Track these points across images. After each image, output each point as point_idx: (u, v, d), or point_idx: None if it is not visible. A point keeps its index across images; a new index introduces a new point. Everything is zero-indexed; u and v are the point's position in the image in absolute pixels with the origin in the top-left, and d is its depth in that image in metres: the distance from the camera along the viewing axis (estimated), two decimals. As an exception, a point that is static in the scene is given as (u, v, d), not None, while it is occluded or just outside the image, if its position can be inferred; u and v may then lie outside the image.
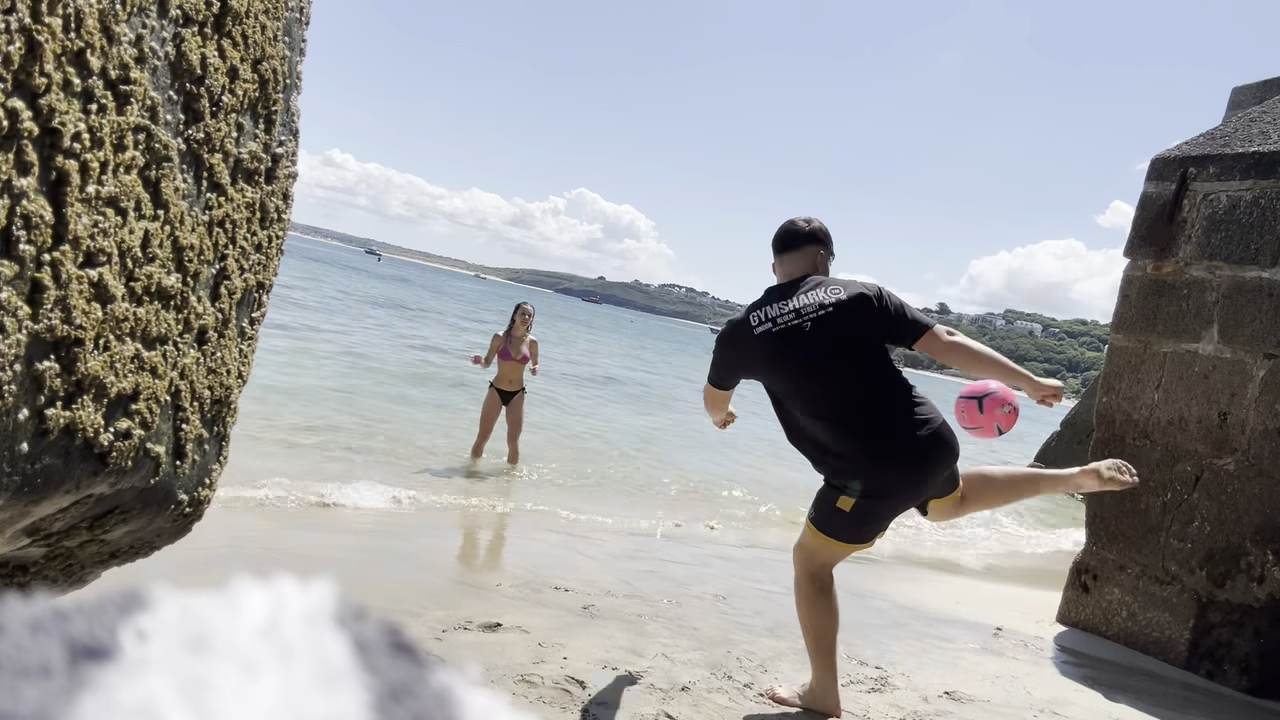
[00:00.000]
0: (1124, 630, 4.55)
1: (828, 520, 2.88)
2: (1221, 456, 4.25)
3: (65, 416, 0.99)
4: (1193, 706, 3.75)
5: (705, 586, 4.63)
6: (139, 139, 1.04)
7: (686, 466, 9.60)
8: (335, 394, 9.64)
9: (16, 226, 0.88)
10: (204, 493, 1.37)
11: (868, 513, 2.83)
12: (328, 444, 7.16)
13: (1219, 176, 4.44)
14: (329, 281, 39.45)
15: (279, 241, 1.45)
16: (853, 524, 2.85)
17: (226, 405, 1.37)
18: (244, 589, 0.20)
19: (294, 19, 1.37)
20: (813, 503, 2.98)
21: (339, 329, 17.88)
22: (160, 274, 1.12)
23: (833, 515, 2.86)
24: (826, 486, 2.91)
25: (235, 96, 1.22)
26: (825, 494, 2.91)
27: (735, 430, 3.58)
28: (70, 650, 0.17)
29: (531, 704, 2.66)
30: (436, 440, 8.25)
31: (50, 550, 1.24)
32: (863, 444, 2.79)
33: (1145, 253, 4.70)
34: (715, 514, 7.38)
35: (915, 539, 7.92)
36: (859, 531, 2.88)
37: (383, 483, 6.03)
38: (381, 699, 0.18)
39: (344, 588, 0.21)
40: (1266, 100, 4.91)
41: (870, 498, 2.81)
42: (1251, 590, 4.07)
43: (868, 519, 2.86)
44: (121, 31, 0.98)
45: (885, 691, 3.31)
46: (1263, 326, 4.16)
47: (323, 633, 0.20)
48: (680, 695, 2.92)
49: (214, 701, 0.17)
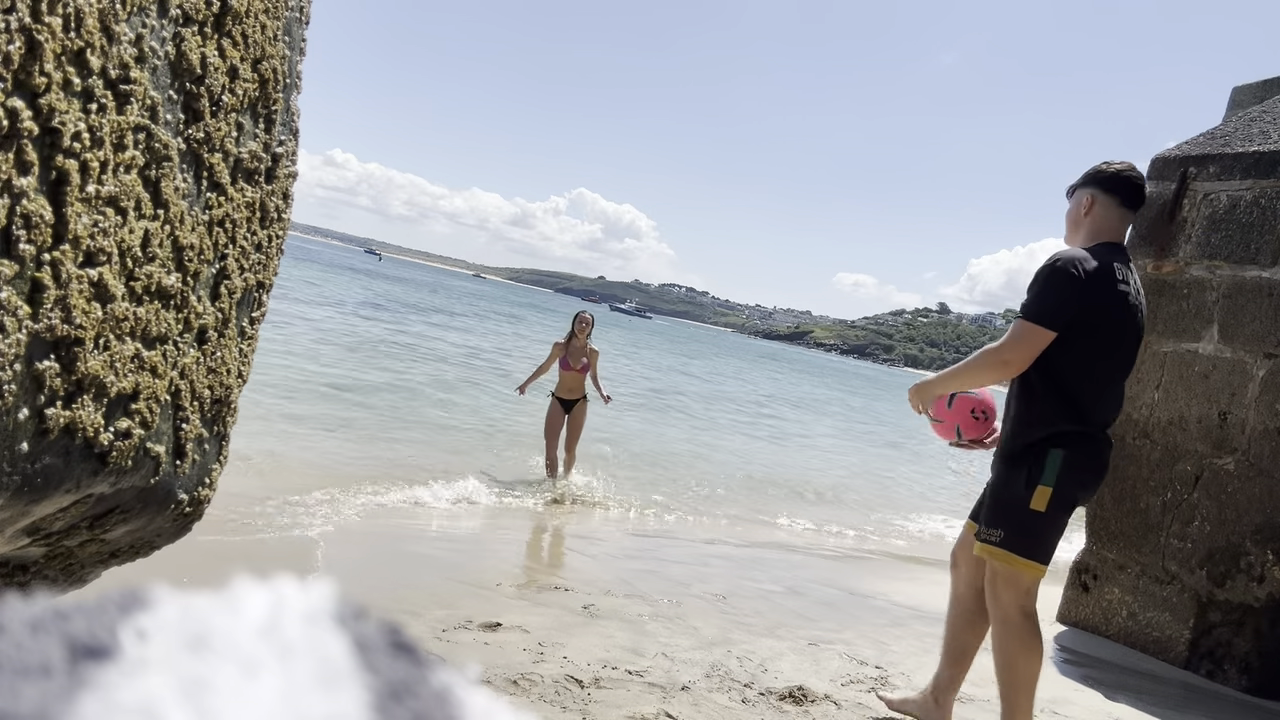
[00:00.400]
0: (1124, 630, 4.54)
1: (1021, 532, 2.57)
2: (1221, 456, 4.25)
3: (65, 416, 0.99)
4: (1193, 706, 3.75)
5: (705, 586, 4.63)
6: (139, 138, 1.04)
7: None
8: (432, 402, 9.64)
9: (16, 226, 0.88)
10: (204, 492, 1.37)
11: (1065, 502, 2.56)
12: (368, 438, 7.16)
13: (1219, 176, 4.44)
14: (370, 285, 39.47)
15: (279, 241, 1.45)
16: (1049, 527, 2.56)
17: (226, 405, 1.37)
18: (244, 588, 0.20)
19: (294, 18, 1.37)
20: (991, 522, 2.64)
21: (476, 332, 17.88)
22: (160, 273, 1.12)
23: (1025, 522, 2.56)
24: (1012, 491, 2.59)
25: (235, 96, 1.22)
26: (1010, 499, 2.59)
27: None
28: (70, 650, 0.17)
29: (532, 703, 2.66)
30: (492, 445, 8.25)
31: (50, 550, 1.24)
32: (1102, 432, 2.61)
33: (1145, 252, 4.70)
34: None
35: (915, 539, 7.92)
36: (1053, 538, 2.60)
37: (395, 484, 6.03)
38: (382, 698, 0.18)
39: (344, 587, 0.21)
40: (1266, 100, 4.91)
41: (1069, 483, 2.54)
42: (1251, 590, 4.07)
43: (1061, 514, 2.58)
44: (121, 31, 0.98)
45: (885, 691, 3.31)
46: (1263, 326, 4.16)
47: (323, 632, 0.19)
48: (680, 695, 2.92)
49: (214, 701, 0.17)
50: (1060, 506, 2.55)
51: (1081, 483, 2.58)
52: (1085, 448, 2.56)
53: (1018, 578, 2.56)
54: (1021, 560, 2.56)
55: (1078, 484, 2.57)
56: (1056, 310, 2.53)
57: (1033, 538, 2.55)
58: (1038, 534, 2.55)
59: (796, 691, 3.11)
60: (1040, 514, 2.53)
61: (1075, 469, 2.54)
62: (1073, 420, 2.55)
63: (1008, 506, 2.59)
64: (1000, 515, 2.61)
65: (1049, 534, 2.57)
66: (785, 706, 2.99)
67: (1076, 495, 2.58)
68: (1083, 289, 2.53)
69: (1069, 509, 2.60)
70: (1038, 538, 2.56)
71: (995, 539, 2.59)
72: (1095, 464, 2.60)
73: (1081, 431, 2.55)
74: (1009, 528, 2.57)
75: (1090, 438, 2.57)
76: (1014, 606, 2.57)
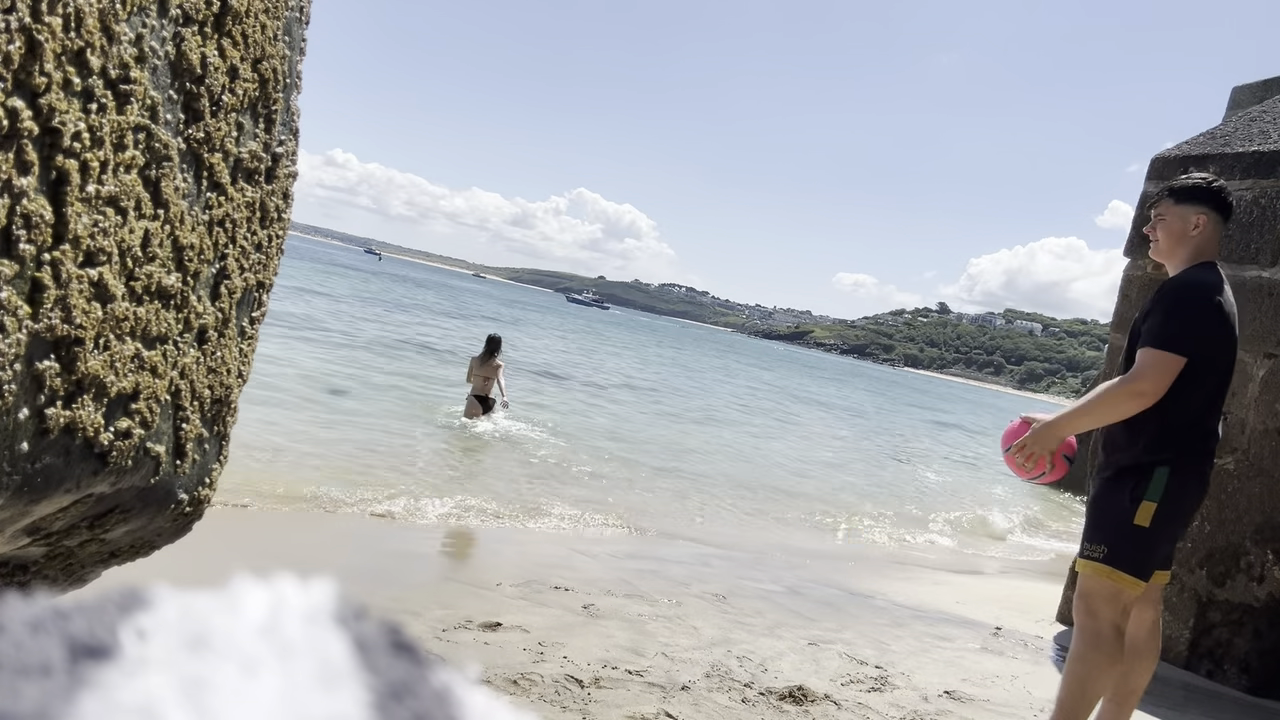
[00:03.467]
0: (1124, 630, 4.55)
1: (1120, 545, 2.55)
2: (1221, 456, 4.25)
3: (65, 416, 0.99)
4: (1193, 706, 3.75)
5: (705, 586, 4.63)
6: (139, 138, 1.04)
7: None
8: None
9: (16, 226, 0.88)
10: (204, 492, 1.37)
11: (1169, 517, 2.54)
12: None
13: (1219, 176, 4.44)
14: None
15: (279, 241, 1.45)
16: (1151, 541, 2.54)
17: (227, 404, 1.37)
18: (244, 588, 0.20)
19: (294, 18, 1.37)
20: (1093, 538, 2.62)
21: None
22: (160, 273, 1.12)
23: (1128, 538, 2.54)
24: (1118, 502, 2.58)
25: (235, 96, 1.22)
26: (1116, 510, 2.58)
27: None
28: (70, 649, 0.17)
29: (532, 703, 2.66)
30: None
31: (50, 549, 1.24)
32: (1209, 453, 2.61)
33: (1145, 252, 4.70)
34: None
35: (913, 538, 7.92)
36: (1154, 555, 2.58)
37: (390, 487, 6.03)
38: (382, 698, 0.18)
39: (344, 587, 0.21)
40: (1266, 100, 4.91)
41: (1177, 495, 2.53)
42: (1251, 590, 4.07)
43: (1167, 528, 2.56)
44: (121, 31, 0.98)
45: (885, 691, 3.31)
46: (1263, 326, 4.16)
47: (323, 632, 0.19)
48: (680, 695, 2.92)
49: (214, 701, 0.17)
50: (1164, 522, 2.53)
51: (1185, 500, 2.57)
52: (1192, 465, 2.56)
53: (1119, 594, 2.54)
54: (1126, 577, 2.53)
55: (1182, 500, 2.56)
56: (1189, 337, 2.51)
57: (1138, 553, 2.54)
58: (1142, 549, 2.54)
59: (796, 691, 3.11)
60: (1144, 529, 2.51)
61: (1181, 486, 2.54)
62: (1184, 443, 2.55)
63: (1113, 521, 2.58)
64: (1103, 530, 2.59)
65: (1151, 550, 2.55)
66: (785, 706, 2.99)
67: (1181, 511, 2.58)
68: (1211, 317, 2.54)
69: (1172, 525, 2.58)
70: (1142, 553, 2.54)
71: (1099, 555, 2.56)
72: (1200, 482, 2.59)
73: (1190, 449, 2.56)
74: (1112, 543, 2.56)
75: (1197, 454, 2.57)
76: (1110, 623, 2.54)
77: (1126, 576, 2.52)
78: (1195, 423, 2.55)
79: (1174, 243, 2.72)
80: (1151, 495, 2.51)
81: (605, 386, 17.83)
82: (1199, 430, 2.56)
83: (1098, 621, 2.55)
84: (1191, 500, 2.59)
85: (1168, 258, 2.74)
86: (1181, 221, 2.70)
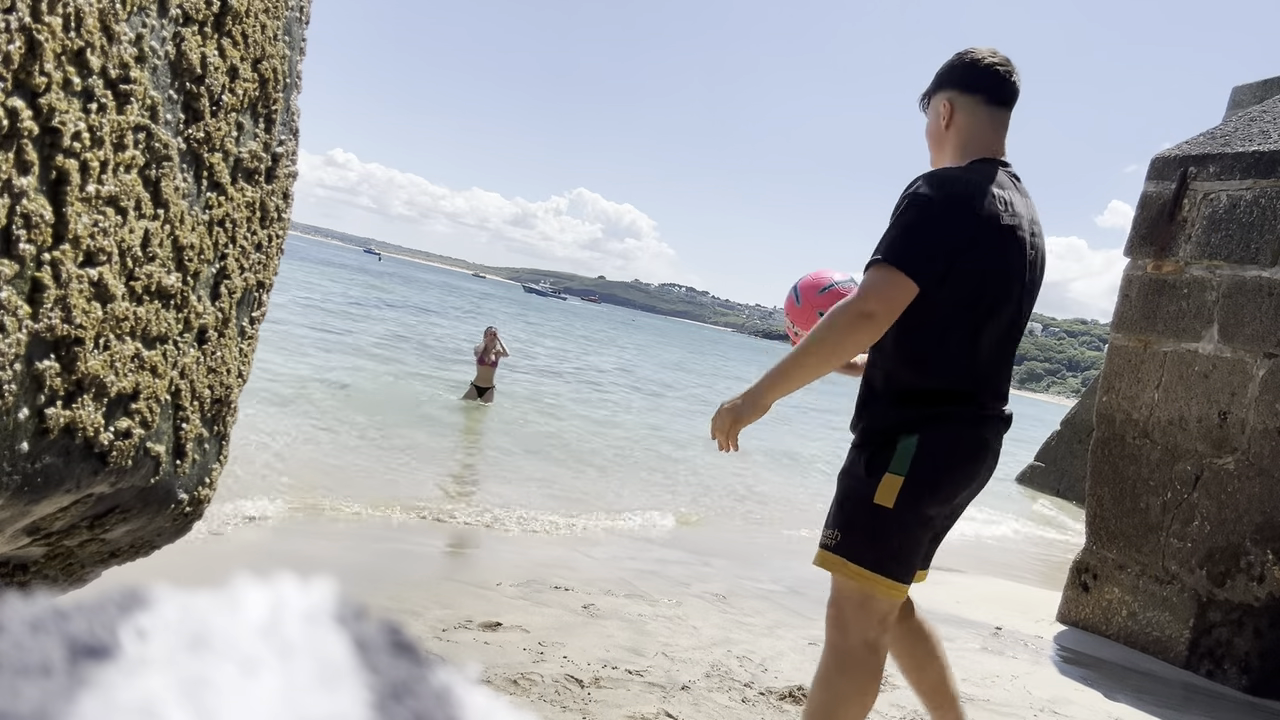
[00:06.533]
0: (1124, 629, 4.55)
1: (869, 538, 1.95)
2: (1221, 456, 4.25)
3: (65, 416, 0.99)
4: (1193, 706, 3.75)
5: (705, 586, 4.63)
6: (139, 138, 1.04)
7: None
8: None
9: (16, 226, 0.88)
10: (204, 492, 1.37)
11: (922, 497, 1.93)
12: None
13: (1219, 176, 4.44)
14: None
15: (279, 241, 1.45)
16: (901, 531, 1.94)
17: (226, 404, 1.37)
18: (244, 588, 0.20)
19: (294, 18, 1.37)
20: (830, 517, 2.04)
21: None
22: (160, 273, 1.12)
23: (874, 526, 1.94)
24: (855, 474, 1.99)
25: (235, 96, 1.22)
26: (853, 484, 1.99)
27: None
28: (70, 649, 0.17)
29: (532, 703, 2.66)
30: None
31: (50, 549, 1.24)
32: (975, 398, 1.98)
33: (1145, 252, 4.70)
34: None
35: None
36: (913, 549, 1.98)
37: (387, 484, 6.03)
38: (382, 698, 0.18)
39: (344, 587, 0.21)
40: (1266, 100, 4.91)
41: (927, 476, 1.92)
42: (1251, 589, 4.07)
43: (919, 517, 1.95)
44: (121, 30, 0.98)
45: (885, 691, 3.31)
46: (1263, 326, 4.16)
47: (323, 631, 0.20)
48: (680, 695, 2.92)
49: (214, 700, 0.17)
50: (916, 502, 1.91)
51: (947, 474, 1.95)
52: (954, 430, 1.95)
53: (869, 600, 1.96)
54: (872, 575, 1.93)
55: (942, 474, 1.94)
56: (926, 255, 1.86)
57: (878, 541, 1.93)
58: (884, 536, 1.93)
59: (796, 691, 3.11)
60: (886, 511, 1.91)
61: (937, 456, 1.92)
62: (938, 401, 1.95)
63: (851, 499, 1.99)
64: (840, 510, 2.01)
65: (901, 538, 1.94)
66: (785, 706, 2.99)
67: (941, 490, 1.95)
68: (961, 226, 1.89)
69: (933, 507, 1.95)
70: (884, 541, 1.93)
71: (831, 541, 1.99)
72: (973, 451, 1.98)
73: (948, 410, 1.95)
74: (846, 526, 1.98)
75: (962, 417, 1.96)
76: (860, 639, 1.98)
77: (866, 573, 1.93)
78: (955, 373, 1.94)
79: (933, 145, 2.15)
80: (896, 468, 1.90)
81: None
82: (963, 382, 1.94)
83: (845, 637, 1.99)
84: (961, 475, 1.96)
85: (934, 164, 2.15)
86: (933, 115, 2.13)
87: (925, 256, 1.86)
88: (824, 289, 2.33)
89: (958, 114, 2.07)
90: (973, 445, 1.98)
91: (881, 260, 1.87)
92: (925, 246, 1.87)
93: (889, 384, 2.00)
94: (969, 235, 1.89)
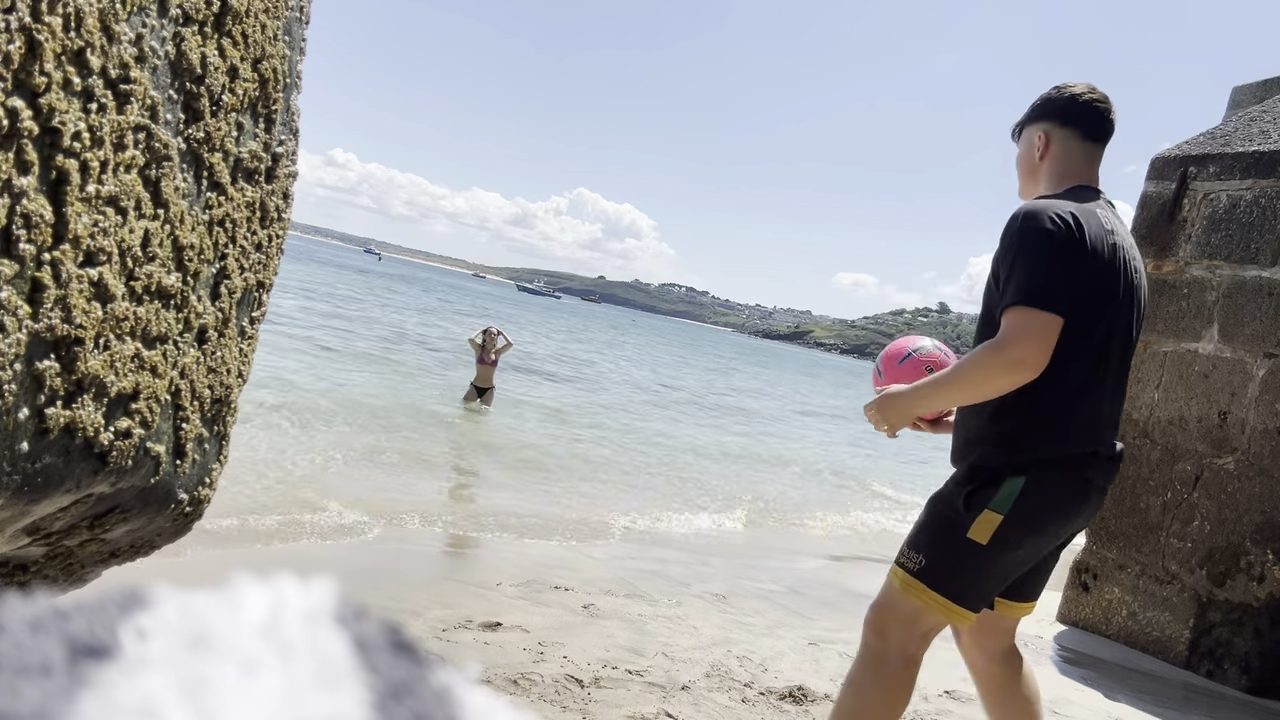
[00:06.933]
0: (1124, 629, 4.55)
1: (955, 571, 1.93)
2: (1221, 456, 4.25)
3: (65, 416, 0.99)
4: (1193, 706, 3.75)
5: (705, 586, 4.63)
6: (139, 138, 1.04)
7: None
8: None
9: (16, 226, 0.88)
10: (204, 492, 1.37)
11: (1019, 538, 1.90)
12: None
13: (1219, 176, 4.44)
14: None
15: (279, 241, 1.45)
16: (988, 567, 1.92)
17: (227, 404, 1.37)
18: (244, 588, 0.20)
19: (294, 18, 1.37)
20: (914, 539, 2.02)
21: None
22: (160, 273, 1.12)
23: (955, 553, 1.92)
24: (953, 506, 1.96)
25: (235, 96, 1.22)
26: (948, 515, 1.96)
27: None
28: (70, 649, 0.17)
29: (532, 703, 2.66)
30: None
31: (50, 549, 1.24)
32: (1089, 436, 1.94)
33: (1145, 252, 4.70)
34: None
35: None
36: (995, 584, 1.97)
37: (386, 482, 6.03)
38: (382, 698, 0.18)
39: (344, 587, 0.21)
40: (1266, 100, 4.91)
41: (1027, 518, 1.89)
42: (1251, 589, 4.07)
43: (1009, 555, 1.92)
44: (121, 30, 0.98)
45: (885, 691, 3.31)
46: (1263, 326, 4.16)
47: (323, 631, 0.19)
48: (680, 695, 2.92)
49: (214, 700, 0.17)
50: (1011, 543, 1.90)
51: (1050, 516, 1.93)
52: (1063, 473, 1.93)
53: (920, 616, 1.94)
54: (942, 600, 1.92)
55: (1044, 516, 1.92)
56: (1057, 285, 1.83)
57: (965, 575, 1.93)
58: (972, 572, 1.92)
59: (796, 691, 3.11)
60: (980, 547, 1.88)
61: (1044, 500, 1.91)
62: (1051, 441, 1.92)
63: (942, 529, 1.97)
64: (928, 536, 1.99)
65: (986, 576, 1.93)
66: (785, 706, 2.99)
67: (1042, 531, 1.93)
68: (1073, 251, 1.85)
69: (1028, 548, 1.94)
70: (972, 577, 1.93)
71: (914, 565, 1.97)
72: (1079, 493, 1.95)
73: (1060, 451, 1.92)
74: (934, 555, 1.95)
75: (1073, 459, 1.93)
76: (900, 649, 1.96)
77: (945, 601, 1.91)
78: (1071, 410, 1.91)
79: (1023, 177, 2.16)
80: (997, 506, 1.88)
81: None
82: (1076, 422, 1.91)
83: (885, 643, 1.97)
84: (1062, 516, 1.94)
85: (1024, 195, 2.16)
86: (1026, 146, 2.14)
87: (1057, 286, 1.83)
88: (903, 359, 2.28)
89: (1053, 146, 2.08)
90: (1079, 490, 1.94)
91: (1017, 303, 1.82)
92: (1054, 277, 1.83)
93: (999, 421, 1.94)
94: (1084, 263, 1.87)
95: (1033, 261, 1.84)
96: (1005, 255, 1.90)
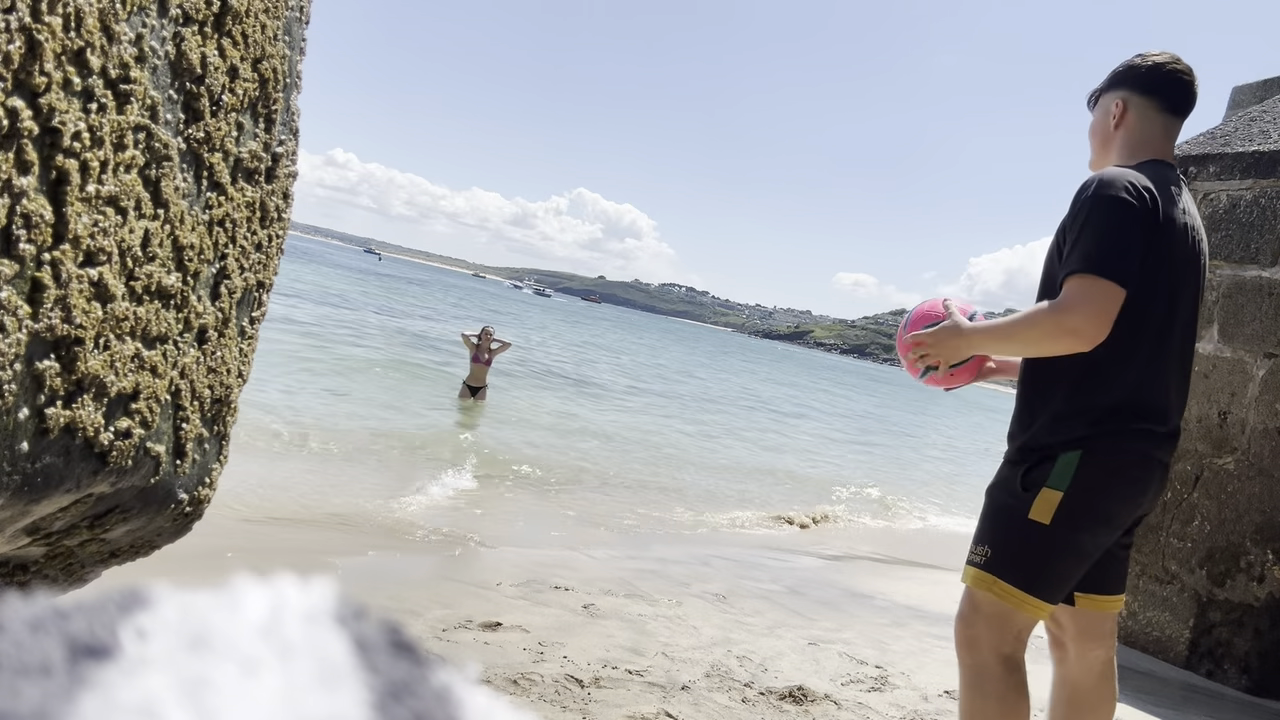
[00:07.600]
0: (1124, 629, 4.55)
1: (1022, 556, 1.86)
2: (1221, 456, 4.25)
3: (65, 416, 0.99)
4: (1192, 706, 3.75)
5: (705, 586, 4.63)
6: (139, 138, 1.04)
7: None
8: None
9: (16, 226, 0.88)
10: (204, 492, 1.37)
11: (1084, 516, 1.84)
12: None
13: (1219, 176, 4.44)
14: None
15: (279, 240, 1.45)
16: (1056, 549, 1.85)
17: (227, 404, 1.37)
18: (244, 587, 0.20)
19: (294, 18, 1.37)
20: (979, 533, 1.94)
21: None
22: (160, 273, 1.12)
23: (1019, 537, 1.86)
24: (1010, 489, 1.90)
25: (235, 96, 1.22)
26: (1007, 499, 1.90)
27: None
28: (70, 649, 0.17)
29: (532, 703, 2.66)
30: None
31: (50, 549, 1.24)
32: (1151, 411, 1.87)
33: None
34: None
35: (912, 538, 7.92)
36: (1069, 570, 1.88)
37: (386, 482, 6.03)
38: (382, 698, 0.18)
39: (344, 587, 0.21)
40: (1266, 100, 4.91)
41: (1088, 494, 1.83)
42: (1251, 589, 4.07)
43: (1077, 536, 1.85)
44: (121, 30, 0.98)
45: (885, 691, 3.31)
46: (1263, 326, 4.16)
47: (323, 631, 0.20)
48: (680, 695, 2.92)
49: (214, 700, 0.17)
50: (1077, 522, 1.82)
51: (1113, 493, 1.86)
52: (1122, 449, 1.86)
53: (1008, 617, 1.86)
54: (1016, 592, 1.84)
55: (1107, 493, 1.86)
56: (1123, 255, 1.76)
57: (1034, 559, 1.85)
58: (1040, 554, 1.85)
59: (796, 691, 3.11)
60: (1043, 528, 1.82)
61: (1104, 475, 1.85)
62: (1109, 418, 1.84)
63: (1004, 514, 1.91)
64: (992, 526, 1.92)
65: (1057, 558, 1.85)
66: (785, 706, 2.99)
67: (1107, 509, 1.86)
68: (1142, 222, 1.79)
69: (1094, 528, 1.85)
70: (1041, 559, 1.85)
71: (981, 558, 1.90)
72: (1141, 471, 1.88)
73: (1117, 426, 1.85)
74: (998, 542, 1.88)
75: (1132, 433, 1.86)
76: (995, 655, 1.87)
77: (1017, 592, 1.83)
78: (1133, 383, 1.84)
79: (1098, 145, 2.08)
80: (1055, 483, 1.82)
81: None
82: (1140, 393, 1.85)
83: (978, 655, 1.87)
84: (1126, 493, 1.87)
85: (1096, 165, 2.08)
86: (1102, 115, 2.07)
87: (1124, 257, 1.77)
88: (930, 326, 2.18)
89: (1130, 114, 2.01)
90: (1141, 464, 1.88)
91: (1079, 271, 1.77)
92: (1122, 247, 1.78)
93: (1057, 396, 1.89)
94: (1152, 234, 1.81)
95: (1101, 229, 1.79)
96: (1074, 221, 1.85)
